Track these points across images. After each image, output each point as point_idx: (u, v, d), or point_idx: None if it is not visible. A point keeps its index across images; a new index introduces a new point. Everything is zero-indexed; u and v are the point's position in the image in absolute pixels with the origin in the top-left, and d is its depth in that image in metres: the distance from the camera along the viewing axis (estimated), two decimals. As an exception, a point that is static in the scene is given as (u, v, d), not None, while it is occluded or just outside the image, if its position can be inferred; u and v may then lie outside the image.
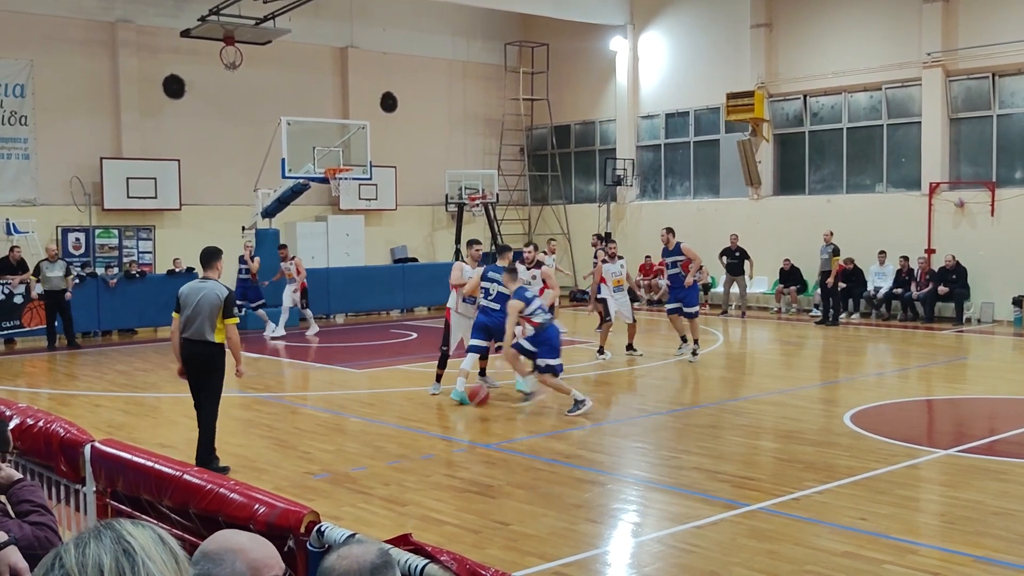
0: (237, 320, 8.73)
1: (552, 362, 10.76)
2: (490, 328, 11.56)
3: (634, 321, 15.42)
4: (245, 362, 9.40)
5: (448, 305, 12.57)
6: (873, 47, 21.20)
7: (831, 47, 21.90)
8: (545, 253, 16.26)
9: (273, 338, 18.23)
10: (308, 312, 19.03)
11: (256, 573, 2.11)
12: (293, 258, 19.21)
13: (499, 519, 7.04)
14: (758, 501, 7.39)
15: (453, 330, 12.31)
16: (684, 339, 15.03)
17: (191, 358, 8.56)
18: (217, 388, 8.72)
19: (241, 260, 18.98)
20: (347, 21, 24.79)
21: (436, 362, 12.34)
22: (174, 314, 8.60)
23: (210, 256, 8.73)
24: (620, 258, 15.57)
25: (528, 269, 13.54)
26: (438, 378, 12.17)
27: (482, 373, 12.43)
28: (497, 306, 11.45)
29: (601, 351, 15.17)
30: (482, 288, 11.71)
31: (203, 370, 8.59)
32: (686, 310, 14.89)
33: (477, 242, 13.23)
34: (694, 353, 14.64)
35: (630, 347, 15.30)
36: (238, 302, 15.31)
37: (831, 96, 22.28)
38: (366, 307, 22.90)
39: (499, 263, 12.09)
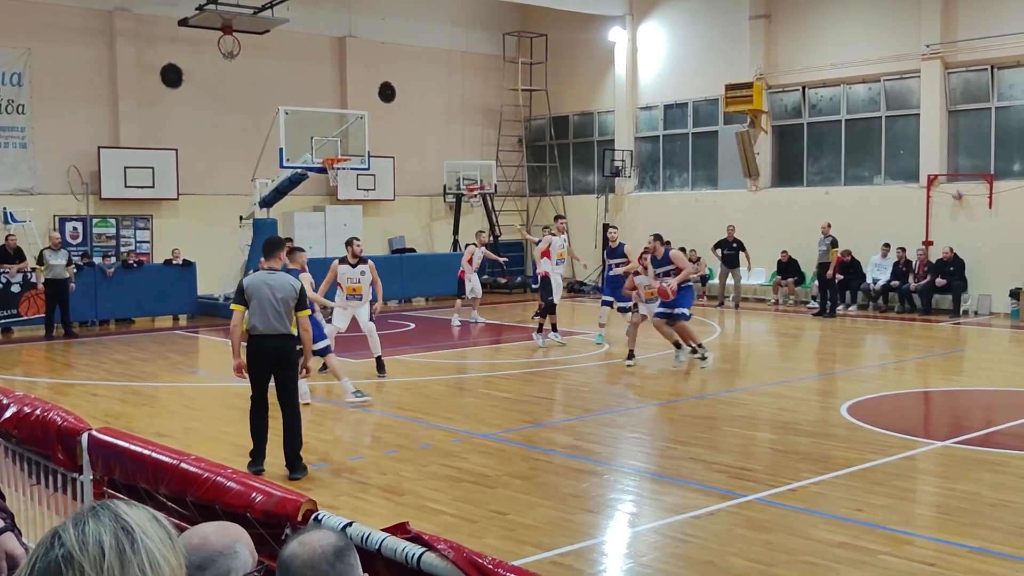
0: (309, 312, 8.43)
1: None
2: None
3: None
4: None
5: (546, 269, 15.49)
6: (872, 39, 21.17)
7: (830, 39, 21.87)
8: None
9: None
10: None
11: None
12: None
13: (496, 509, 7.06)
14: (755, 492, 7.40)
15: (554, 288, 15.40)
16: (678, 345, 13.48)
17: (270, 353, 8.09)
18: (295, 382, 8.39)
19: None
20: (345, 11, 24.73)
21: (429, 352, 12.34)
22: (236, 307, 8.10)
23: (274, 246, 8.35)
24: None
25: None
26: (542, 328, 15.49)
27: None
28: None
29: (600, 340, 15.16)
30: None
31: (282, 364, 8.16)
32: (678, 311, 13.41)
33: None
34: (703, 358, 13.29)
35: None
36: None
37: (830, 88, 22.26)
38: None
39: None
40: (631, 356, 13.63)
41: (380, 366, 13.03)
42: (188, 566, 2.11)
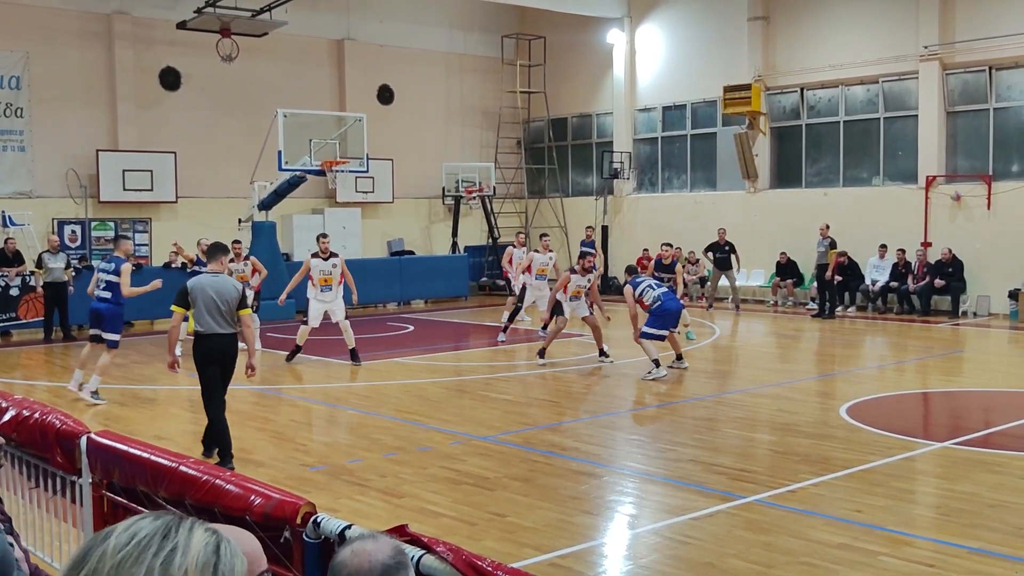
0: (251, 311, 8.91)
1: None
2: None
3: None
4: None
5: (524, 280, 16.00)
6: (870, 40, 21.19)
7: (828, 40, 21.89)
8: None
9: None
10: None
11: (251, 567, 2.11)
12: (248, 257, 16.83)
13: (495, 511, 7.05)
14: (754, 493, 7.40)
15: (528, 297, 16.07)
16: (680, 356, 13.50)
17: (218, 351, 8.48)
18: (228, 381, 8.75)
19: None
20: (344, 13, 24.74)
21: (428, 354, 12.45)
22: (176, 308, 8.47)
23: (217, 250, 8.85)
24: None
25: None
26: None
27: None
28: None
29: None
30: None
31: (227, 361, 8.58)
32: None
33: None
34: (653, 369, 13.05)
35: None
36: None
37: (828, 89, 22.28)
38: (363, 300, 22.73)
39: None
40: (543, 354, 14.17)
41: (355, 356, 14.07)
42: None
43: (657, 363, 12.64)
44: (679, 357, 13.35)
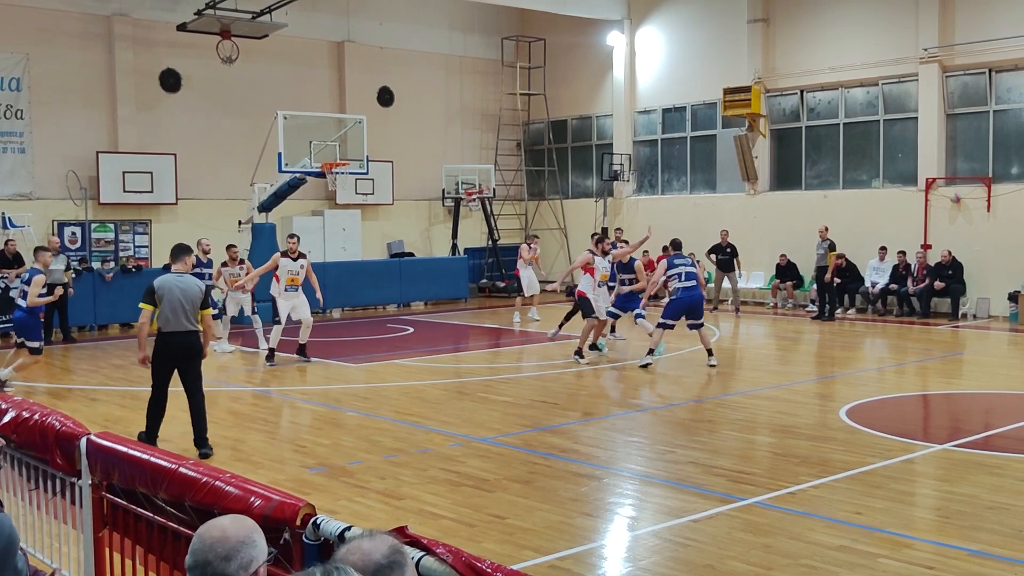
0: (213, 311, 9.43)
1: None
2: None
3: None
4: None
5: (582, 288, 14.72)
6: (870, 42, 21.20)
7: (828, 42, 21.90)
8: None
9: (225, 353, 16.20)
10: (227, 320, 16.57)
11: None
12: (243, 261, 16.99)
13: (495, 513, 7.05)
14: (754, 495, 7.40)
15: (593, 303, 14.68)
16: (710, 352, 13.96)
17: (180, 348, 8.97)
18: (199, 374, 9.21)
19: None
20: (344, 15, 24.76)
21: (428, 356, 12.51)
22: (144, 306, 8.90)
23: (181, 251, 9.34)
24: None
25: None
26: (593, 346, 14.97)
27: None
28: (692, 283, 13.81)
29: (594, 346, 15.18)
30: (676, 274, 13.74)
31: (189, 357, 9.04)
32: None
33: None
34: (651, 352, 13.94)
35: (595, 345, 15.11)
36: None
37: (828, 91, 22.29)
38: (362, 301, 22.91)
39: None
40: (580, 354, 14.37)
41: (302, 351, 14.67)
42: (215, 559, 2.14)
43: (652, 352, 13.69)
44: (709, 353, 13.86)
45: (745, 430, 10.00)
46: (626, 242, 17.42)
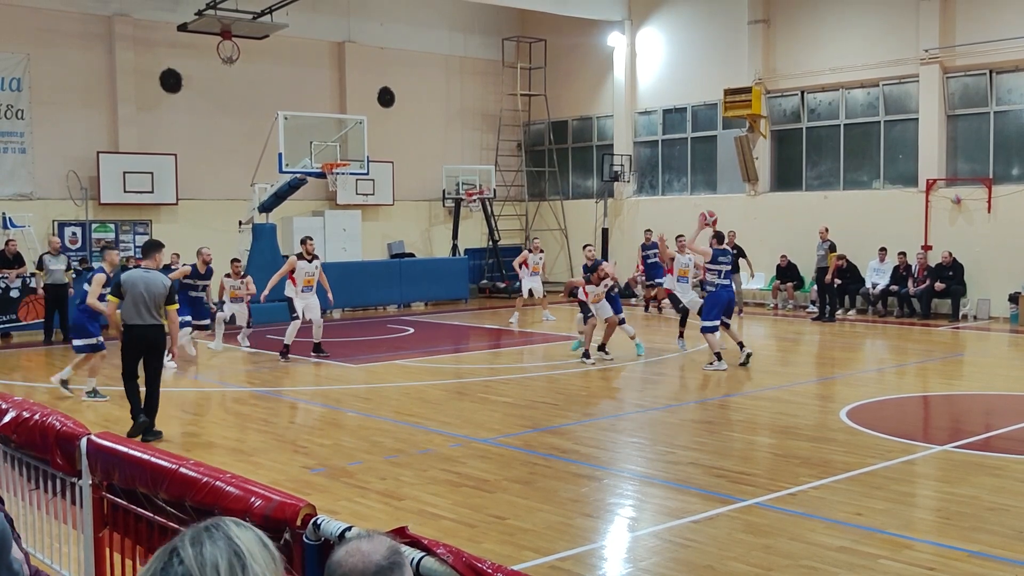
0: (177, 306, 9.81)
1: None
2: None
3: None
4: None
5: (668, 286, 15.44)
6: (871, 43, 21.20)
7: (829, 43, 21.90)
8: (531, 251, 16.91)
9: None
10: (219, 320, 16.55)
11: None
12: (245, 276, 16.99)
13: (495, 513, 7.05)
14: (754, 496, 7.40)
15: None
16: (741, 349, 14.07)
17: (142, 340, 9.47)
18: (160, 364, 9.76)
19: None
20: (344, 16, 24.76)
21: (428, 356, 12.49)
22: (111, 298, 9.57)
23: (152, 248, 9.70)
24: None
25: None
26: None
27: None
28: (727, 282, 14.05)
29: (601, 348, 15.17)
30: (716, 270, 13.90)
31: (151, 350, 9.56)
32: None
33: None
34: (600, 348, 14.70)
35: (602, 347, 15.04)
36: (194, 321, 15.25)
37: (828, 92, 22.29)
38: (363, 302, 22.89)
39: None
40: (588, 355, 14.40)
41: (319, 349, 15.29)
42: None
43: (719, 356, 13.46)
44: (741, 346, 13.98)
45: (746, 431, 10.00)
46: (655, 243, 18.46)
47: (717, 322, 13.73)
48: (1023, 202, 19.15)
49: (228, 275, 16.93)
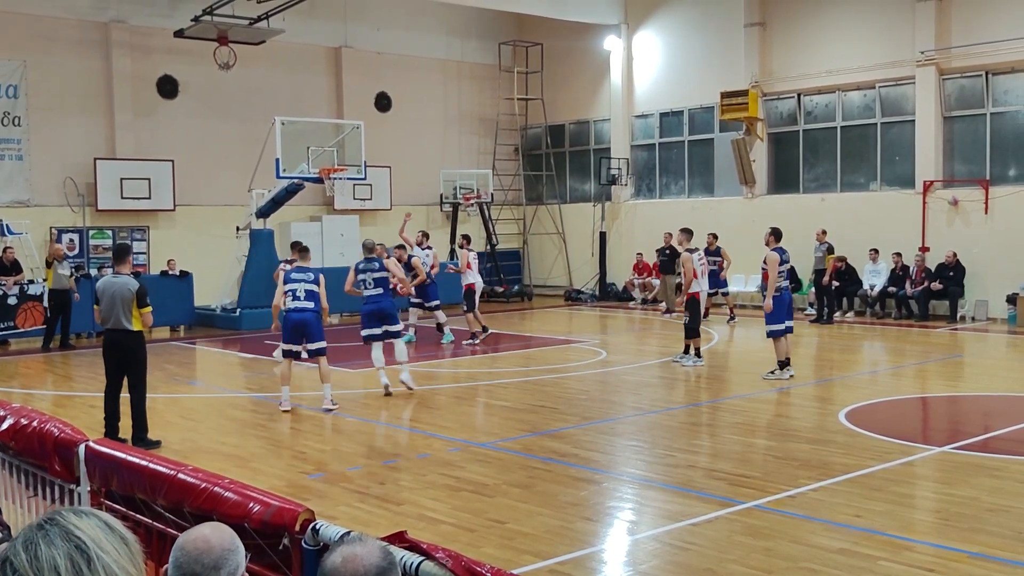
0: (151, 308, 9.68)
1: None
2: None
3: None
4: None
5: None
6: (867, 46, 21.23)
7: (825, 46, 21.93)
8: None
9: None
10: None
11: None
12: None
13: (495, 518, 7.05)
14: (753, 499, 7.39)
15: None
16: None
17: (113, 346, 9.60)
18: (142, 372, 9.71)
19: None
20: (341, 21, 24.77)
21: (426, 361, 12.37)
22: (95, 306, 9.67)
23: (123, 252, 9.81)
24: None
25: None
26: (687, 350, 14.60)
27: None
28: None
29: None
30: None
31: (126, 356, 9.59)
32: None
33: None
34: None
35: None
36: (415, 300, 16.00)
37: (825, 95, 22.31)
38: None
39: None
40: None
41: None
42: (203, 570, 2.13)
43: (782, 364, 13.00)
44: (788, 361, 13.27)
45: (744, 433, 10.00)
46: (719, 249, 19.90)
47: (782, 325, 13.19)
48: (1020, 203, 19.17)
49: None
